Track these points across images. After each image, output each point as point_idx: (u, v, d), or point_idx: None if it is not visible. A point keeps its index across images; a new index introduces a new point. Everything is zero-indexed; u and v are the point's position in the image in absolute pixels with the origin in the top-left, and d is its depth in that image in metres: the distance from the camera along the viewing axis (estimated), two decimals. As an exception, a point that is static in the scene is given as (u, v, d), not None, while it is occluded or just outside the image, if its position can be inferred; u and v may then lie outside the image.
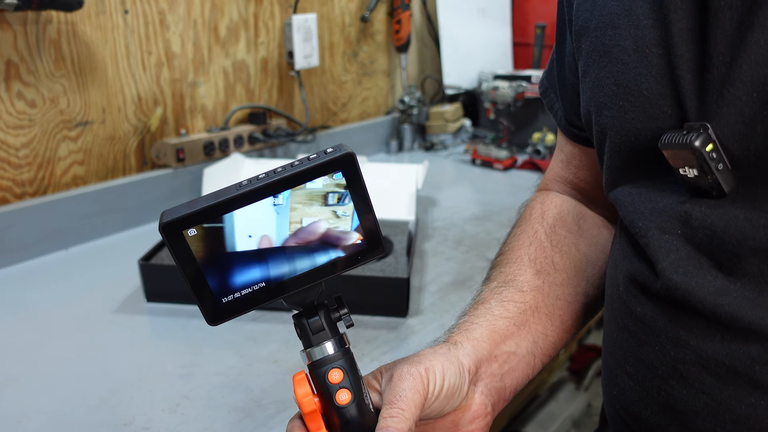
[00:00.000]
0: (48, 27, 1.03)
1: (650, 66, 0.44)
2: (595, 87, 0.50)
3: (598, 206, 0.68)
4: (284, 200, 0.41)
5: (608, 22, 0.47)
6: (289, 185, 0.41)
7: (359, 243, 0.44)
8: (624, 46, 0.46)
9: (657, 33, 0.44)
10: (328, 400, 0.44)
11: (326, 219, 0.43)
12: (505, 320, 0.56)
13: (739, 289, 0.42)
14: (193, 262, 0.41)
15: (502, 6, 1.88)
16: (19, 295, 0.90)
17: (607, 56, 0.48)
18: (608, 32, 0.47)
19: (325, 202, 0.42)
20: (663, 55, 0.44)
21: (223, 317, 0.43)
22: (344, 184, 0.42)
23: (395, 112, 1.75)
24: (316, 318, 0.45)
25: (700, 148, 0.41)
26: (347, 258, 0.44)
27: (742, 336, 0.41)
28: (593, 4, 0.50)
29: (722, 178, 0.41)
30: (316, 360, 0.44)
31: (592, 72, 0.50)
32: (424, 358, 0.48)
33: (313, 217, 0.42)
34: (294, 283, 0.43)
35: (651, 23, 0.44)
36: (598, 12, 0.49)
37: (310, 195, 0.42)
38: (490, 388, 0.53)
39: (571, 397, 1.54)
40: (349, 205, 0.43)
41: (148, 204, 1.16)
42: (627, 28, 0.46)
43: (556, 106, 0.66)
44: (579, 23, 0.52)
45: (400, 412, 0.43)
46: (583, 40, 0.51)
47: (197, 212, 0.40)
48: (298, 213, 0.42)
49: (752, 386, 0.41)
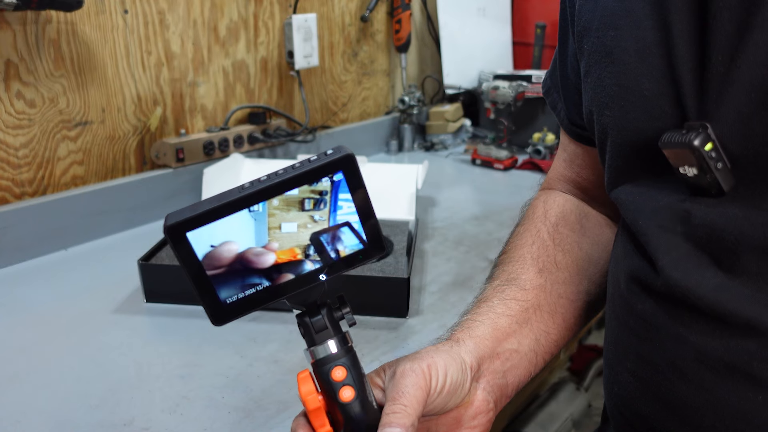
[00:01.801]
0: (47, 27, 1.03)
1: (651, 66, 0.45)
2: (597, 87, 0.50)
3: (600, 205, 0.69)
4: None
5: (610, 23, 0.48)
6: (290, 187, 0.42)
7: (360, 243, 0.44)
8: (625, 47, 0.46)
9: (658, 34, 0.44)
10: (332, 397, 0.44)
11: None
12: (507, 318, 0.57)
13: (738, 286, 0.42)
14: (197, 264, 0.41)
15: (502, 6, 1.88)
16: (19, 295, 0.90)
17: (609, 57, 0.48)
18: (610, 33, 0.48)
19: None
20: (664, 56, 0.44)
21: (228, 317, 0.43)
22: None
23: (395, 112, 1.75)
24: (318, 317, 0.45)
25: (699, 147, 0.41)
26: (348, 258, 0.44)
27: (740, 332, 0.42)
28: (595, 5, 0.50)
29: (721, 177, 0.42)
30: (319, 358, 0.45)
31: (594, 72, 0.50)
32: (427, 355, 0.48)
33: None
34: (296, 283, 0.44)
35: (652, 24, 0.45)
36: (599, 13, 0.49)
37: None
38: (493, 385, 0.53)
39: (571, 397, 1.54)
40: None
41: (148, 204, 1.16)
42: (628, 28, 0.46)
43: (559, 106, 0.67)
44: (581, 24, 0.52)
45: (402, 408, 0.44)
46: (585, 41, 0.52)
47: (201, 215, 0.40)
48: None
49: (750, 381, 0.42)
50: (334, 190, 0.43)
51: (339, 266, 0.45)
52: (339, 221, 0.44)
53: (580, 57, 0.54)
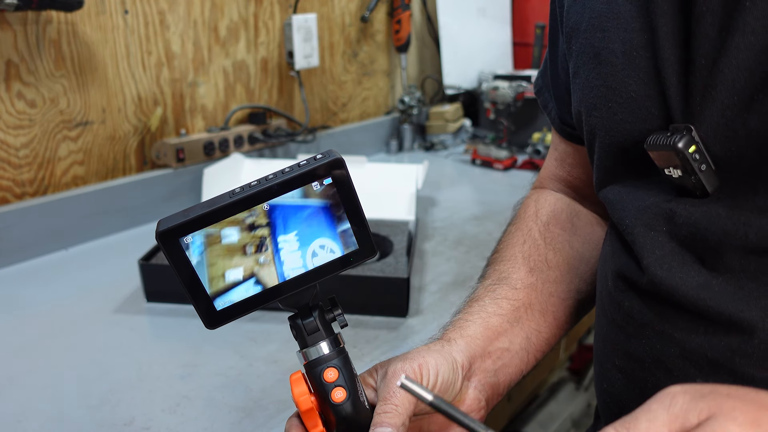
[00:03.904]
0: (48, 27, 1.03)
1: (638, 68, 0.46)
2: (585, 88, 0.51)
3: (591, 204, 0.69)
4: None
5: (597, 25, 0.49)
6: (281, 191, 0.42)
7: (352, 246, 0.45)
8: (612, 49, 0.47)
9: (644, 36, 0.45)
10: (325, 398, 0.45)
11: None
12: (498, 317, 0.58)
13: (721, 283, 0.43)
14: (189, 269, 0.42)
15: (502, 6, 1.88)
16: (19, 295, 0.90)
17: (597, 58, 0.49)
18: (597, 35, 0.49)
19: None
20: (650, 58, 0.45)
21: (221, 321, 0.44)
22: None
23: (395, 112, 1.75)
24: (311, 319, 0.46)
25: (683, 149, 0.42)
26: (340, 260, 0.45)
27: (723, 329, 0.43)
28: (583, 7, 0.51)
29: (705, 179, 0.43)
30: (312, 360, 0.46)
31: (582, 73, 0.51)
32: (418, 354, 0.49)
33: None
34: (288, 286, 0.44)
35: (639, 26, 0.45)
36: (587, 14, 0.50)
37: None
38: (484, 384, 0.54)
39: (571, 397, 1.55)
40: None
41: (148, 204, 1.16)
42: (615, 31, 0.47)
43: (550, 105, 0.68)
44: (570, 25, 0.53)
45: (393, 408, 0.44)
46: (573, 42, 0.53)
47: (192, 220, 0.41)
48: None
49: (733, 377, 0.43)
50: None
51: (330, 269, 0.45)
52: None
53: (569, 58, 0.54)
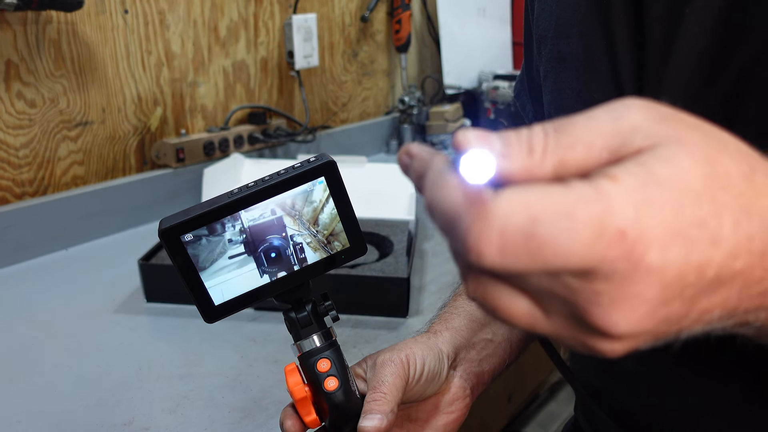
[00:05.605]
0: (48, 27, 1.03)
1: (599, 73, 0.49)
2: (554, 91, 0.54)
3: None
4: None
5: (563, 32, 0.52)
6: (275, 192, 0.45)
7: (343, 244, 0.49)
8: (577, 54, 0.50)
9: (604, 42, 0.48)
10: (318, 387, 0.48)
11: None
12: None
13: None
14: (189, 265, 0.45)
15: (502, 6, 1.88)
16: (19, 295, 0.90)
17: (563, 63, 0.52)
18: (563, 41, 0.52)
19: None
20: (609, 62, 0.48)
21: (219, 315, 0.47)
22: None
23: (395, 112, 1.75)
24: (304, 313, 0.49)
25: None
26: (331, 258, 0.48)
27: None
28: (550, 15, 0.54)
29: None
30: (305, 351, 0.48)
31: (551, 77, 0.54)
32: (405, 346, 0.53)
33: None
34: (283, 282, 0.47)
35: (599, 33, 0.48)
36: (554, 22, 0.53)
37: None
38: (469, 373, 0.57)
39: (571, 397, 1.54)
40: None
41: (148, 204, 1.16)
42: (579, 37, 0.50)
43: (528, 108, 0.70)
44: (539, 32, 0.56)
45: (382, 396, 0.48)
46: (543, 48, 0.55)
47: (193, 219, 0.44)
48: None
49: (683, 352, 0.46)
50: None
51: (322, 266, 0.48)
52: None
53: (539, 63, 0.57)
